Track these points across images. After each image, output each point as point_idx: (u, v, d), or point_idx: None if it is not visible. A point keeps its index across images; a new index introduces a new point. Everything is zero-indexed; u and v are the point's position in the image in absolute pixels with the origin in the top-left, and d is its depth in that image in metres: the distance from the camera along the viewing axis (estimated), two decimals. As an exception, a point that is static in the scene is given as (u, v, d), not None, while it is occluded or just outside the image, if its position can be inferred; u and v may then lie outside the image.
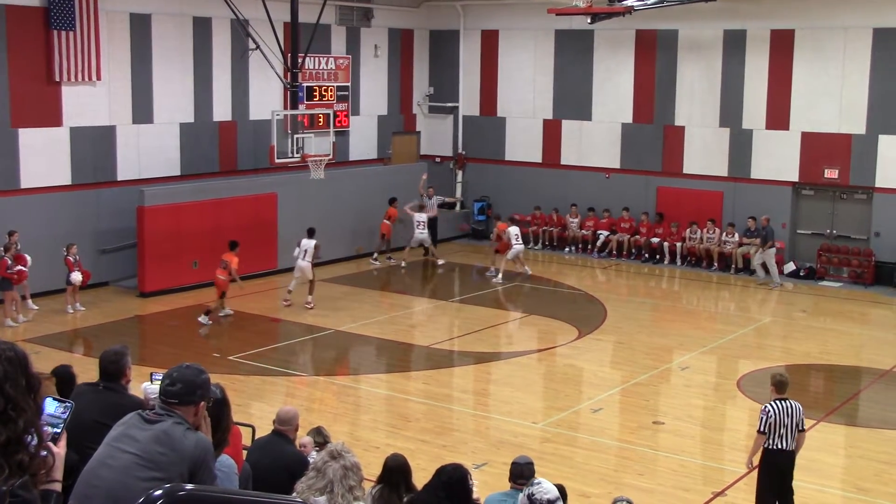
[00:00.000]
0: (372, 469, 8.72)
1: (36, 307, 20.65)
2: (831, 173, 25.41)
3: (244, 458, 8.12)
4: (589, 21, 25.01)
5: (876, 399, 17.20)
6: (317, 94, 26.94)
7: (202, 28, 24.48)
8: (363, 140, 29.17)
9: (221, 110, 25.19)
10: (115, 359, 6.78)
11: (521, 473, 8.24)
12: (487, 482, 11.84)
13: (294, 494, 6.55)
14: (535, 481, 8.32)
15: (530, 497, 6.27)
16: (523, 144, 29.80)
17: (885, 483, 12.81)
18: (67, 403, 3.82)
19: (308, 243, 21.70)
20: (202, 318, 19.97)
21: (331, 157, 23.51)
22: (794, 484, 12.67)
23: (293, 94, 23.46)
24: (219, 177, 24.86)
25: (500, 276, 24.60)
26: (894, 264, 24.07)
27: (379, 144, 29.85)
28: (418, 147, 31.36)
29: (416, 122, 31.24)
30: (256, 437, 10.33)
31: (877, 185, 24.87)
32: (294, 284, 21.73)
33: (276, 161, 22.48)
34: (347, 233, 26.46)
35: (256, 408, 14.85)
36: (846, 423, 15.52)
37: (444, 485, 7.25)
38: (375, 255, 26.47)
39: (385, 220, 26.08)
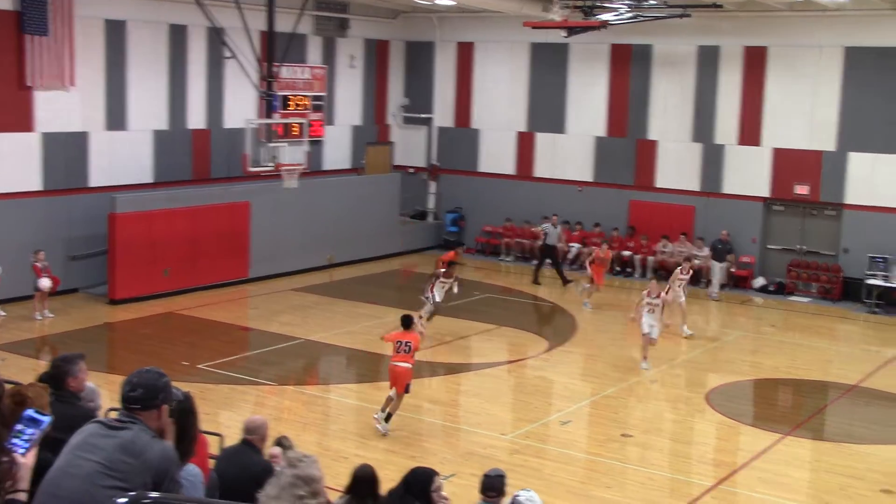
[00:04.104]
0: (340, 479, 8.71)
1: (3, 313, 20.50)
2: (802, 189, 25.64)
3: (211, 467, 8.11)
4: (564, 35, 25.13)
5: (842, 413, 17.36)
6: (292, 103, 26.92)
7: (178, 36, 24.43)
8: (337, 150, 29.18)
9: (196, 118, 25.13)
10: (58, 364, 6.68)
11: (492, 486, 8.25)
12: (456, 493, 11.85)
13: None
14: (523, 489, 8.32)
15: (515, 502, 6.33)
16: (497, 156, 29.89)
17: (850, 497, 12.92)
18: (47, 418, 3.82)
19: None
20: (380, 427, 14.75)
21: (304, 166, 23.49)
22: (759, 497, 12.81)
23: (268, 104, 23.43)
24: (192, 185, 24.79)
25: None
26: (862, 280, 24.29)
27: (353, 154, 29.86)
28: (392, 158, 31.39)
29: (390, 133, 31.28)
30: (225, 446, 10.30)
31: (846, 201, 25.11)
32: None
33: (250, 170, 22.44)
34: (320, 242, 26.42)
35: (225, 417, 14.81)
36: (812, 438, 15.64)
37: (405, 483, 7.35)
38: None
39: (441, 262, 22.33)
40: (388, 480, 7.89)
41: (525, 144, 29.46)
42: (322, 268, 26.43)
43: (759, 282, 25.86)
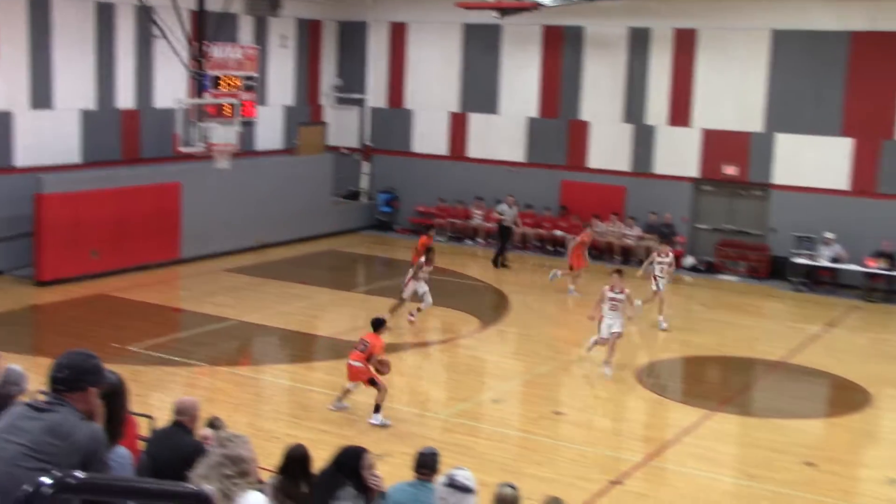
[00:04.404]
0: (273, 460, 8.71)
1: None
2: (730, 170, 26.05)
3: (142, 448, 8.07)
4: (497, 16, 25.20)
5: (768, 389, 17.74)
6: (223, 83, 26.61)
7: (105, 14, 24.02)
8: (270, 130, 28.97)
9: (125, 98, 24.76)
10: None
11: (425, 464, 8.30)
12: (390, 472, 11.89)
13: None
14: (458, 467, 8.43)
15: (451, 479, 6.37)
16: (430, 137, 29.92)
17: (774, 470, 13.22)
18: None
19: None
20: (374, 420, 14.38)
21: (236, 147, 23.31)
22: (688, 472, 13.05)
23: (199, 83, 23.19)
24: (121, 165, 24.46)
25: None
26: (788, 259, 24.77)
27: (286, 135, 29.68)
28: (325, 138, 31.25)
29: (323, 114, 31.13)
30: (156, 427, 10.23)
31: (773, 181, 25.57)
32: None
33: (181, 150, 22.20)
34: (252, 223, 26.25)
35: (156, 398, 14.68)
36: (739, 413, 15.94)
37: (335, 462, 7.38)
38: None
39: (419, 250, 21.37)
40: (321, 460, 7.91)
41: (458, 125, 29.52)
42: (253, 249, 26.25)
43: (689, 261, 26.22)
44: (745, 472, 13.37)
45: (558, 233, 27.51)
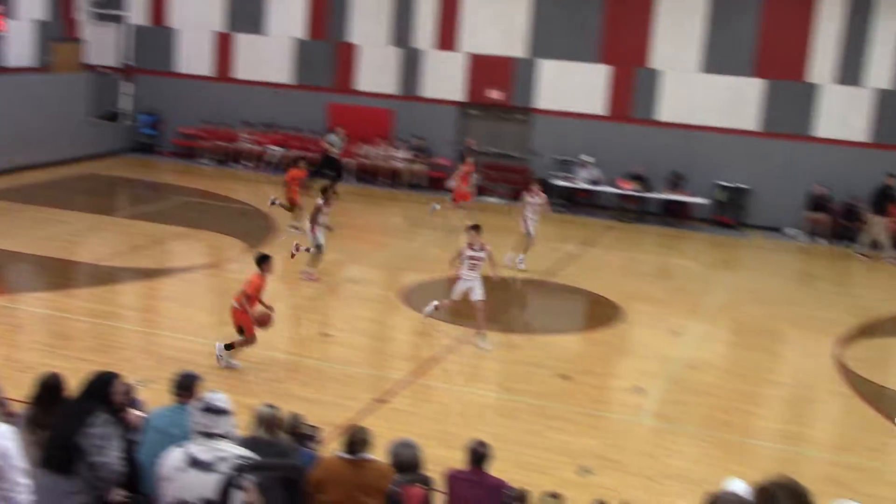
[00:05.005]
0: (27, 391, 8.42)
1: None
2: (495, 94, 26.63)
3: None
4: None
5: (528, 307, 18.45)
6: (-34, -7, 24.96)
7: None
8: (20, 46, 27.33)
9: None
10: None
11: (183, 385, 8.25)
12: (152, 398, 11.70)
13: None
14: (212, 391, 8.35)
15: (208, 404, 6.32)
16: (195, 57, 29.07)
17: (531, 383, 13.82)
18: None
19: None
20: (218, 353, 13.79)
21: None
22: (453, 389, 13.46)
23: (-63, -7, 21.63)
24: None
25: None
26: (547, 180, 25.66)
27: (38, 51, 28.07)
28: (83, 56, 29.80)
29: (80, 30, 29.62)
30: None
31: (535, 106, 26.34)
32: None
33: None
34: (3, 144, 24.87)
35: None
36: (501, 330, 16.47)
37: (85, 389, 7.22)
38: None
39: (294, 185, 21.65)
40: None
41: (224, 45, 28.80)
42: (6, 171, 24.87)
43: (453, 184, 26.69)
44: (507, 386, 13.92)
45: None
